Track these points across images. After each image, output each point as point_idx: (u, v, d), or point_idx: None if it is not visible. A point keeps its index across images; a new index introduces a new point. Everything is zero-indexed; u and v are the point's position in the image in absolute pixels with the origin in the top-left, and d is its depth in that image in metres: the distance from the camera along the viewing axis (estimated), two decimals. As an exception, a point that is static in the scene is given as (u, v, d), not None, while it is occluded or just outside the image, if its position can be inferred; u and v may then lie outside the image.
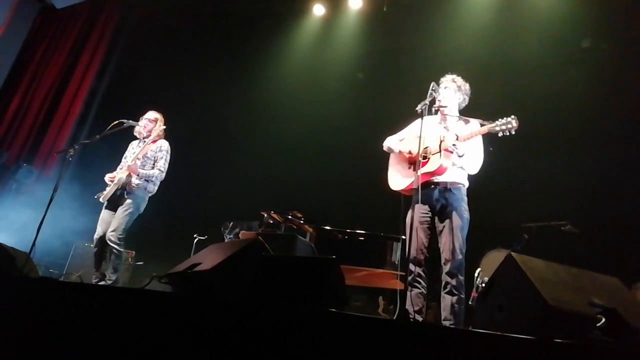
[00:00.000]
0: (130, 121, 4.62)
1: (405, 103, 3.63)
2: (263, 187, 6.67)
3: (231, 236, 5.33)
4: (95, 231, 4.43)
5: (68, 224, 5.98)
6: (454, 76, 3.52)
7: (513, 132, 3.03)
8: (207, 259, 2.64)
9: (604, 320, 1.74)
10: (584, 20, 5.39)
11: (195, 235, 5.83)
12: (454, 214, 3.17)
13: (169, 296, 2.52)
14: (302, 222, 4.90)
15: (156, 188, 4.60)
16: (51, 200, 4.14)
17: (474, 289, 4.19)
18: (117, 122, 4.58)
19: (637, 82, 5.19)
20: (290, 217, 4.91)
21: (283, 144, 6.95)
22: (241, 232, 5.22)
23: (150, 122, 4.69)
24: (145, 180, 4.47)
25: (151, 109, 4.82)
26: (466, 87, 3.51)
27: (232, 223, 5.43)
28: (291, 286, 2.22)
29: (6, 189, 6.98)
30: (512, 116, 3.04)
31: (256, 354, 1.88)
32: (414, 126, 3.55)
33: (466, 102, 3.54)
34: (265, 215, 5.18)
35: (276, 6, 7.23)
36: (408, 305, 3.00)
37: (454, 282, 3.06)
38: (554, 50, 5.74)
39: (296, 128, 6.89)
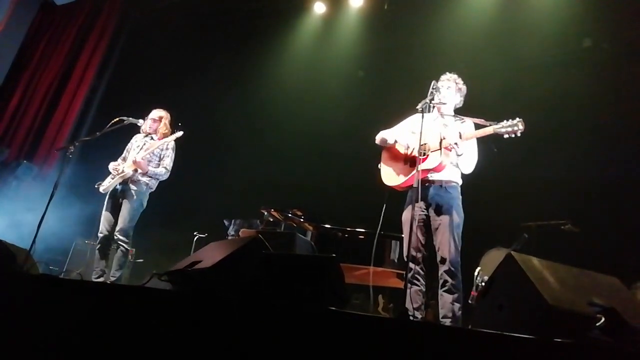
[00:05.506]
0: (131, 118, 4.62)
1: (405, 101, 3.62)
2: (263, 185, 6.66)
3: (231, 234, 5.33)
4: (97, 229, 4.44)
5: (68, 221, 5.98)
6: (456, 77, 3.55)
7: (519, 134, 3.03)
8: (207, 256, 2.64)
9: (603, 319, 1.74)
10: (584, 20, 5.39)
11: (195, 233, 5.84)
12: (450, 212, 3.18)
13: (169, 294, 2.52)
14: (302, 220, 4.90)
15: (156, 184, 4.61)
16: (51, 197, 4.14)
17: (474, 288, 4.19)
18: (117, 119, 4.58)
19: (637, 82, 5.19)
20: (290, 215, 4.91)
21: (283, 141, 6.94)
22: (241, 230, 5.22)
23: (155, 122, 4.68)
24: (151, 177, 4.47)
25: (153, 107, 4.81)
26: (464, 89, 3.56)
27: (232, 221, 5.44)
28: (291, 284, 2.22)
29: (6, 185, 6.98)
30: (518, 119, 3.04)
31: (256, 352, 1.89)
32: (409, 121, 3.56)
33: (461, 105, 3.59)
34: (266, 213, 5.18)
35: (277, 4, 7.22)
36: (407, 304, 3.00)
37: (453, 280, 3.08)
38: (554, 49, 5.73)
39: (296, 126, 6.88)
